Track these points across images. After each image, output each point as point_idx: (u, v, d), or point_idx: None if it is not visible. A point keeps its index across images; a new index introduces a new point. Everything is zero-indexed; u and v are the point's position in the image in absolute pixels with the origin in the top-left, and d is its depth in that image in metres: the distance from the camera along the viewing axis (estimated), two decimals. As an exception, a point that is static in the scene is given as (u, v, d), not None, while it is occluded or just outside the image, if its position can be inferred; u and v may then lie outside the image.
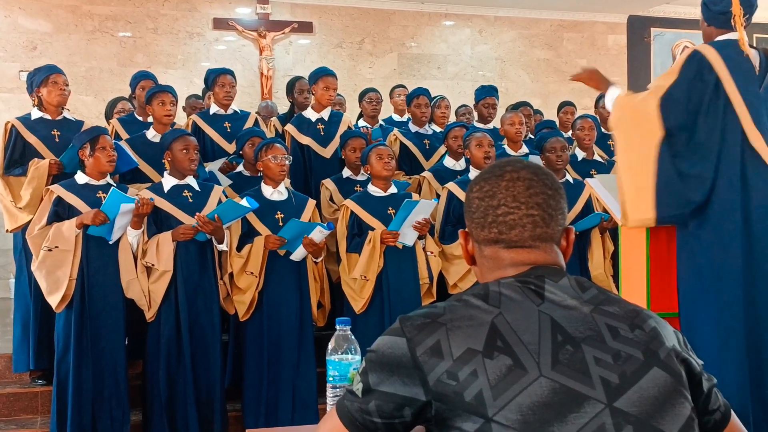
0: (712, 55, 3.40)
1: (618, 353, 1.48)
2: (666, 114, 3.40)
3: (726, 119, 3.37)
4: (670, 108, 3.40)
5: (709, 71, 3.38)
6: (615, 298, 1.58)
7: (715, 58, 3.39)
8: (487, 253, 1.65)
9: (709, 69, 3.38)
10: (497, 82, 10.76)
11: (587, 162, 6.51)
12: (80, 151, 4.93)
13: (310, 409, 5.19)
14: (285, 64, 10.54)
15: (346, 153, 5.95)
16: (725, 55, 3.40)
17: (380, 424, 1.50)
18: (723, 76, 3.37)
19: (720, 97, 3.38)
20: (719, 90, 3.37)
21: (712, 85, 3.38)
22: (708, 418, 1.63)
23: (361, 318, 5.21)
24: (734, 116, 3.36)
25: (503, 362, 1.43)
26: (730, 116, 3.37)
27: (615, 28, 11.79)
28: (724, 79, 3.37)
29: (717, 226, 3.38)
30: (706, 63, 3.39)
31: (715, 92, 3.38)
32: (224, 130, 6.26)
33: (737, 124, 3.36)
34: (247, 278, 5.11)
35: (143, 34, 10.05)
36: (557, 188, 1.66)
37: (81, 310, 4.84)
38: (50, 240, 4.76)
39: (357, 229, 5.38)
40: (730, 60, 3.40)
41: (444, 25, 11.23)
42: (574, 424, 1.39)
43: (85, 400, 4.82)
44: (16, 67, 9.58)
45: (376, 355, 1.52)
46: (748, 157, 3.36)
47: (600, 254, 5.80)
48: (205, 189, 5.19)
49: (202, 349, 5.03)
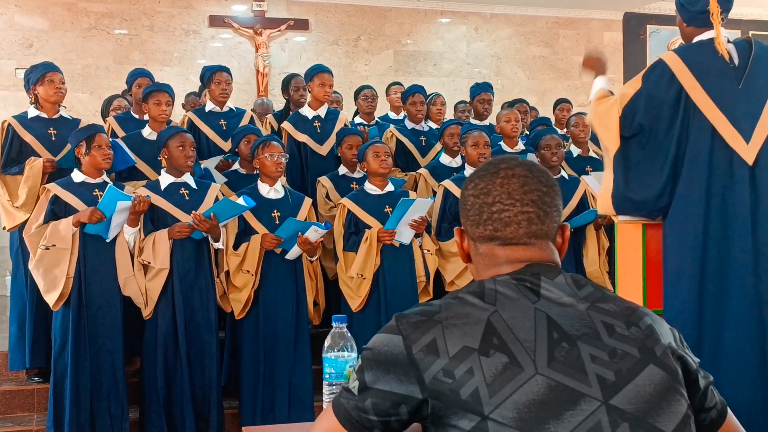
0: (676, 63, 3.38)
1: (614, 351, 1.48)
2: (624, 124, 3.43)
3: (690, 127, 3.37)
4: (628, 119, 3.42)
5: (671, 81, 3.37)
6: (611, 295, 1.58)
7: (679, 67, 3.37)
8: (482, 251, 1.66)
9: (671, 79, 3.37)
10: (493, 79, 10.77)
11: (582, 159, 6.51)
12: (76, 149, 4.93)
13: (307, 407, 5.20)
14: (281, 62, 10.53)
15: (343, 150, 5.95)
16: (692, 61, 3.38)
17: (376, 421, 1.50)
18: (687, 84, 3.36)
19: (681, 106, 3.37)
20: (681, 99, 3.37)
21: (673, 95, 3.37)
22: (704, 416, 1.63)
23: (357, 316, 5.21)
24: (702, 122, 3.35)
25: (499, 360, 1.43)
26: (696, 122, 3.36)
27: (611, 25, 11.80)
28: (689, 87, 3.35)
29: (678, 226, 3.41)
30: (668, 72, 3.38)
31: (677, 102, 3.37)
32: (220, 127, 6.25)
33: (706, 130, 3.35)
34: (243, 276, 5.11)
35: (139, 31, 10.05)
36: (552, 185, 1.66)
37: (78, 307, 4.83)
38: (47, 238, 4.76)
39: (354, 228, 5.38)
40: (698, 65, 3.37)
41: (440, 22, 11.23)
42: (570, 421, 1.39)
43: (83, 397, 4.82)
44: (12, 64, 9.57)
45: (372, 352, 1.52)
46: (718, 160, 3.36)
47: (595, 251, 5.80)
48: (201, 186, 5.19)
49: (198, 347, 5.03)
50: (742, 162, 3.34)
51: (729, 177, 3.35)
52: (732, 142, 3.34)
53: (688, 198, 3.37)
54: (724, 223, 3.36)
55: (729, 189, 3.36)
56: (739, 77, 3.38)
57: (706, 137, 3.35)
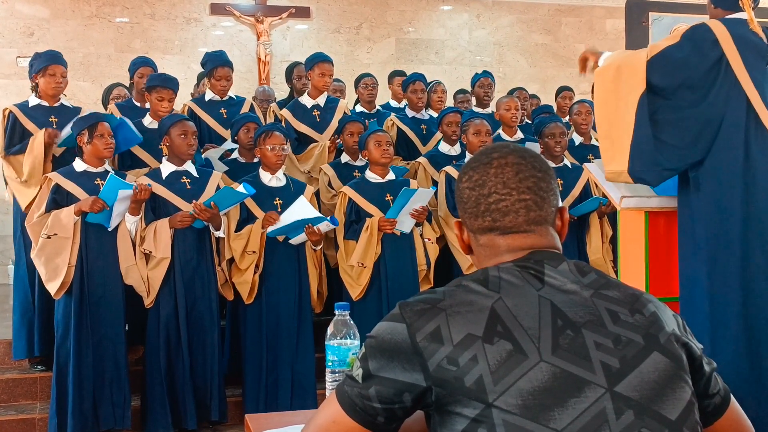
0: (720, 30, 3.36)
1: (618, 338, 1.47)
2: (653, 70, 3.36)
3: (729, 96, 3.34)
4: (659, 66, 3.36)
5: (713, 46, 3.34)
6: (615, 282, 1.58)
7: (723, 34, 3.35)
8: (482, 242, 1.65)
9: (714, 44, 3.34)
10: (495, 67, 10.75)
11: (584, 147, 6.50)
12: (78, 138, 4.92)
13: (309, 394, 5.22)
14: (282, 50, 10.51)
15: (344, 138, 5.95)
16: (735, 32, 3.37)
17: (380, 409, 1.50)
18: (730, 53, 3.34)
19: (720, 73, 3.35)
20: (721, 66, 3.34)
21: (712, 61, 3.34)
22: (708, 402, 1.63)
23: (359, 304, 5.21)
24: (739, 92, 3.33)
25: (503, 347, 1.43)
26: (734, 93, 3.34)
27: (613, 12, 11.75)
28: (731, 56, 3.33)
29: (715, 198, 3.37)
30: (711, 37, 3.36)
31: (716, 68, 3.34)
32: (220, 116, 6.25)
33: (742, 101, 3.33)
34: (249, 258, 5.12)
35: (140, 19, 10.03)
36: (546, 169, 1.65)
37: (80, 296, 4.84)
38: (49, 227, 4.76)
39: (355, 216, 5.38)
40: (740, 38, 3.36)
41: (442, 10, 11.20)
42: (574, 408, 1.39)
43: (86, 385, 4.83)
44: (13, 53, 9.56)
45: (376, 340, 1.52)
46: (753, 133, 3.34)
47: (598, 239, 5.80)
48: (203, 175, 5.19)
49: (200, 335, 5.04)
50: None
51: (763, 151, 3.35)
52: (764, 117, 3.34)
53: (725, 165, 3.34)
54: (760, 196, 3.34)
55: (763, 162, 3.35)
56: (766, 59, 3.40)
57: (742, 108, 3.34)
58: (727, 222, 3.34)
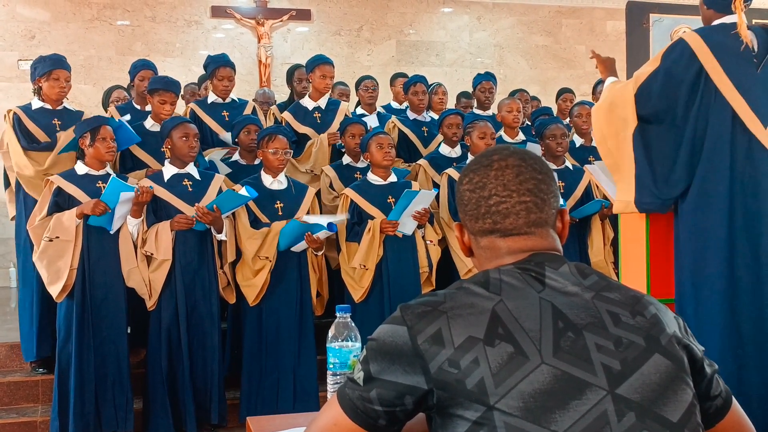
0: (697, 43, 3.36)
1: (619, 340, 1.48)
2: (639, 104, 3.41)
3: (711, 108, 3.35)
4: (642, 99, 3.40)
5: (691, 60, 3.34)
6: (616, 284, 1.58)
7: (700, 47, 3.35)
8: (483, 244, 1.66)
9: (691, 58, 3.34)
10: (496, 68, 10.74)
11: (585, 148, 6.50)
12: (80, 141, 4.93)
13: (311, 397, 5.21)
14: (283, 52, 10.52)
15: (346, 139, 5.95)
16: (713, 41, 3.36)
17: (381, 411, 1.50)
18: (708, 63, 3.34)
19: (700, 87, 3.35)
20: (700, 80, 3.35)
21: (692, 76, 3.35)
22: (709, 404, 1.63)
23: (360, 307, 5.22)
24: (722, 103, 3.33)
25: (505, 350, 1.43)
26: (716, 104, 3.34)
27: (614, 14, 11.74)
28: (709, 67, 3.33)
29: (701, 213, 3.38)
30: (688, 52, 3.36)
31: (696, 82, 3.36)
32: (222, 118, 6.25)
33: (726, 110, 3.34)
34: (260, 262, 5.12)
35: (141, 22, 10.04)
36: (546, 171, 1.65)
37: (82, 299, 4.84)
38: (51, 230, 4.77)
39: (357, 218, 5.38)
40: (719, 46, 3.35)
41: (442, 12, 11.21)
42: (576, 411, 1.39)
43: (88, 388, 4.83)
44: (14, 56, 9.57)
45: (377, 343, 1.52)
46: (740, 143, 3.35)
47: (600, 241, 5.80)
48: (205, 178, 5.19)
49: (200, 338, 5.04)
50: (761, 146, 3.34)
51: (750, 162, 3.35)
52: (751, 125, 3.33)
53: (710, 181, 3.35)
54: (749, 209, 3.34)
55: (751, 174, 3.35)
56: (758, 64, 3.38)
57: (726, 120, 3.34)
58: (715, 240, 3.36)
